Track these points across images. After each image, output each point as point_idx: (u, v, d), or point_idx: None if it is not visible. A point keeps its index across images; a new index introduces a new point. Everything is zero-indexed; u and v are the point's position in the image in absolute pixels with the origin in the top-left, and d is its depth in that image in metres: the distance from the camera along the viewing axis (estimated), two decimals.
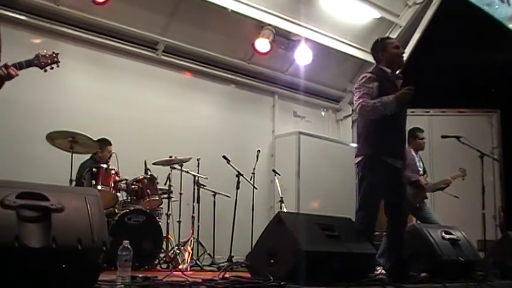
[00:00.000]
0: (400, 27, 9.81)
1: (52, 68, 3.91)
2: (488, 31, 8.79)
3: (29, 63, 3.76)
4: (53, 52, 3.93)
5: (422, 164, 7.10)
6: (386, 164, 4.75)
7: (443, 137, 7.27)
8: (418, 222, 7.36)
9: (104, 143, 6.79)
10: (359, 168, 4.95)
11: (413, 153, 6.96)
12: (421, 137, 7.10)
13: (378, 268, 6.04)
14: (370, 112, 4.69)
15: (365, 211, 4.76)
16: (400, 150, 4.94)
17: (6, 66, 3.68)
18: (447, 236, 5.17)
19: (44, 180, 3.49)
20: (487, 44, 9.14)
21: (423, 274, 4.76)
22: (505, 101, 9.99)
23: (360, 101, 4.73)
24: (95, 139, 6.29)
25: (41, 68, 3.86)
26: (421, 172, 7.01)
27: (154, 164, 6.85)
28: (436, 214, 7.59)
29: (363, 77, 4.89)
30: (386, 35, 9.92)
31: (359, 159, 4.87)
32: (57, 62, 3.92)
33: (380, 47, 5.09)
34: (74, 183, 5.98)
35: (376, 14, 9.44)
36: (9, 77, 3.68)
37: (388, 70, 4.92)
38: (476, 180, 7.06)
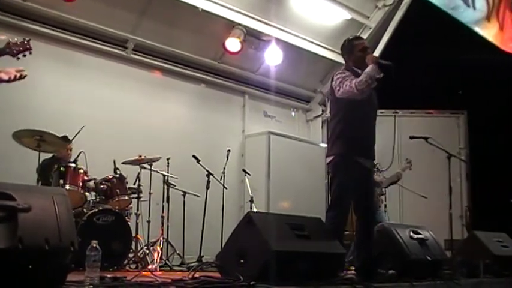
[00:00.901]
0: (370, 28, 9.90)
1: (25, 56, 3.84)
2: (455, 33, 8.93)
3: (0, 52, 3.69)
4: (24, 39, 3.85)
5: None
6: (357, 164, 4.78)
7: (412, 137, 7.36)
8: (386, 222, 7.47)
9: (64, 140, 6.66)
10: (330, 168, 4.98)
11: None
12: None
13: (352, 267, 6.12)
14: (368, 81, 4.60)
15: (335, 211, 4.79)
16: (370, 150, 4.97)
17: None
18: (415, 236, 5.23)
19: (11, 179, 3.43)
20: (454, 46, 9.29)
21: (391, 271, 4.81)
22: (472, 102, 10.17)
23: (354, 81, 4.66)
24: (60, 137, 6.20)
25: (13, 56, 3.79)
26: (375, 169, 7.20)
27: (123, 163, 6.80)
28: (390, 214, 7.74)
29: (341, 73, 4.87)
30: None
31: (330, 158, 4.89)
32: (29, 48, 3.85)
33: (347, 49, 5.14)
34: (40, 182, 5.88)
35: (347, 15, 9.51)
36: None
37: (359, 71, 4.94)
38: (444, 181, 7.16)
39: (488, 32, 7.93)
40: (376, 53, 9.70)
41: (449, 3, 8.46)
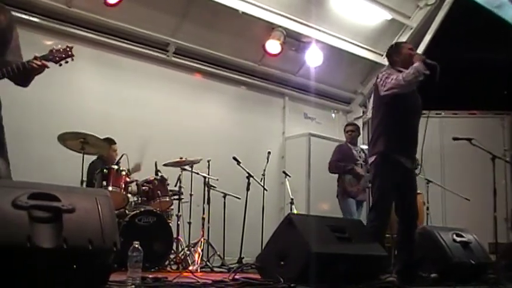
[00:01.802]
0: (411, 28, 9.77)
1: (67, 62, 3.91)
2: (499, 32, 8.74)
3: (44, 59, 3.77)
4: (67, 46, 3.92)
5: (365, 155, 7.45)
6: (399, 163, 4.75)
7: (455, 139, 7.22)
8: (429, 224, 7.37)
9: (109, 142, 6.78)
10: (372, 168, 4.98)
11: (349, 145, 7.64)
12: (346, 130, 7.86)
13: None
14: (415, 74, 4.68)
15: (376, 212, 4.76)
16: (411, 151, 4.94)
17: (36, 58, 3.71)
18: (458, 239, 5.14)
19: (55, 181, 3.51)
20: (498, 46, 9.09)
21: (433, 275, 4.74)
22: None
23: (400, 75, 4.72)
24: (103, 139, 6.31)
25: (56, 63, 3.86)
26: (360, 162, 7.47)
27: (164, 165, 6.87)
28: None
29: (387, 70, 4.95)
30: (398, 36, 9.93)
31: (372, 158, 4.91)
32: (72, 55, 3.92)
33: (395, 50, 5.20)
34: (84, 183, 6.00)
35: (387, 15, 9.41)
36: (43, 68, 3.71)
37: (405, 71, 4.90)
38: (488, 183, 7.00)
39: None
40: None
41: (493, 1, 8.31)
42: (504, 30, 8.60)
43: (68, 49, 3.91)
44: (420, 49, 9.59)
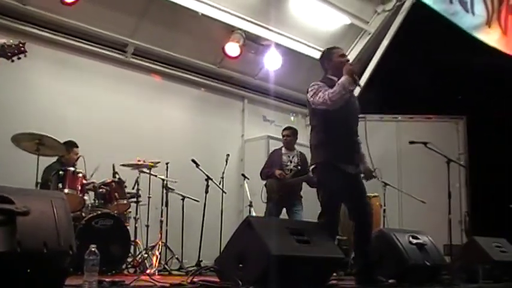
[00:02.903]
0: (370, 33, 9.93)
1: (19, 58, 3.82)
2: (455, 38, 8.93)
3: None
4: (19, 42, 3.84)
5: (299, 162, 7.51)
6: (340, 170, 4.83)
7: (411, 142, 7.35)
8: (385, 226, 7.47)
9: (70, 145, 6.69)
10: (314, 176, 5.06)
11: (282, 150, 7.66)
12: (282, 134, 7.77)
13: None
14: (341, 92, 4.72)
15: (325, 217, 4.81)
16: (351, 156, 4.99)
17: None
18: (414, 241, 5.23)
19: (9, 183, 3.42)
20: (454, 51, 9.29)
21: (391, 281, 4.81)
22: (472, 108, 10.17)
23: (327, 92, 4.79)
24: (61, 141, 6.19)
25: (8, 59, 3.78)
26: (290, 168, 7.49)
27: (122, 165, 6.78)
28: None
29: (315, 84, 5.02)
30: (356, 41, 10.08)
31: (313, 167, 5.00)
32: (24, 51, 3.83)
33: (326, 57, 5.28)
34: (39, 186, 5.87)
35: (346, 20, 9.53)
36: None
37: (335, 78, 4.98)
38: (443, 186, 7.15)
39: (490, 37, 7.94)
40: (376, 57, 9.76)
41: (448, 8, 8.48)
42: (459, 36, 8.79)
43: (21, 45, 3.83)
44: (378, 54, 9.76)
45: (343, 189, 4.80)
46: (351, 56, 10.22)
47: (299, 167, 7.39)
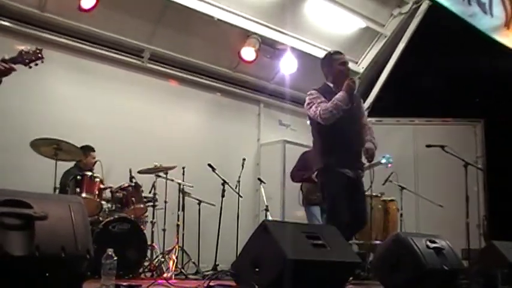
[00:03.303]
0: (386, 36, 9.89)
1: (36, 65, 3.86)
2: (473, 41, 8.87)
3: (13, 61, 3.72)
4: (37, 48, 3.88)
5: None
6: (343, 174, 4.91)
7: (428, 146, 7.32)
8: (402, 231, 7.42)
9: (87, 149, 6.75)
10: (318, 182, 5.17)
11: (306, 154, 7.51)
12: None
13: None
14: (332, 112, 4.81)
15: (331, 219, 4.84)
16: (353, 160, 5.06)
17: (4, 60, 3.65)
18: (432, 245, 5.17)
19: (28, 187, 3.46)
20: (471, 54, 9.23)
21: None
22: (489, 111, 10.08)
23: (320, 107, 4.88)
24: (78, 146, 6.25)
25: (25, 65, 3.81)
26: None
27: (139, 172, 6.82)
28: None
29: (310, 94, 5.11)
30: (372, 44, 10.05)
31: (316, 173, 5.12)
32: (41, 58, 3.87)
33: (326, 62, 5.30)
34: (57, 190, 5.93)
35: (362, 23, 9.51)
36: (9, 71, 3.66)
37: (332, 85, 5.09)
38: (461, 189, 7.10)
39: (509, 40, 7.88)
40: (392, 61, 9.72)
41: (466, 10, 8.44)
42: (476, 39, 8.72)
43: (38, 51, 3.87)
44: (394, 57, 9.72)
45: (346, 193, 4.88)
46: (367, 59, 10.22)
47: None
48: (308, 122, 5.36)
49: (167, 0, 7.71)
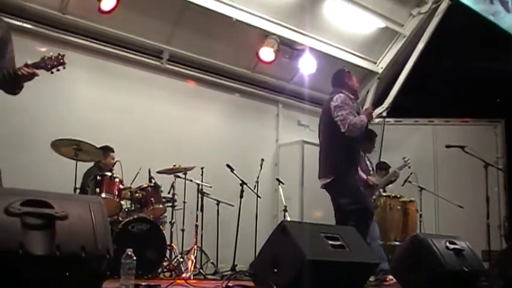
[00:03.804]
0: (405, 36, 9.84)
1: (58, 70, 3.90)
2: (493, 40, 8.79)
3: (35, 66, 3.76)
4: (59, 54, 3.91)
5: (370, 163, 7.29)
6: (356, 181, 5.26)
7: (448, 146, 7.26)
8: (422, 231, 7.37)
9: (107, 150, 6.80)
10: (330, 190, 5.38)
11: (361, 154, 7.16)
12: (375, 142, 7.38)
13: (389, 276, 6.09)
14: (358, 130, 5.18)
15: (364, 216, 4.96)
16: (357, 168, 5.47)
17: (27, 65, 3.70)
18: (451, 246, 5.13)
19: (49, 187, 3.50)
20: (492, 53, 9.14)
21: None
22: (510, 111, 9.97)
23: (351, 117, 5.17)
24: (98, 147, 6.30)
25: (47, 70, 3.85)
26: (371, 171, 7.23)
27: (158, 172, 6.86)
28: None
29: (341, 96, 5.31)
30: (391, 44, 10.00)
31: (328, 180, 5.29)
32: (63, 63, 3.91)
33: (347, 75, 5.62)
34: (78, 191, 5.99)
35: (381, 23, 9.47)
36: (32, 76, 3.71)
37: (352, 96, 5.47)
38: (481, 190, 7.04)
39: None
40: (412, 61, 9.66)
41: (489, 9, 8.38)
42: (497, 38, 8.64)
43: (60, 57, 3.91)
44: (413, 57, 9.66)
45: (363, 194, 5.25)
46: (386, 59, 10.17)
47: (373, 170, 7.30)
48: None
49: (186, 1, 7.75)
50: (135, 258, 3.49)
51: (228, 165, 7.56)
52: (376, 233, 6.73)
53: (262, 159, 8.15)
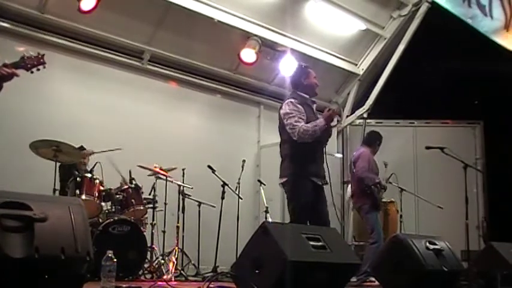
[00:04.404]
0: (385, 38, 9.91)
1: (38, 70, 3.86)
2: (472, 43, 8.88)
3: (15, 66, 3.72)
4: (39, 53, 3.87)
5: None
6: (311, 181, 5.05)
7: (428, 148, 7.32)
8: (402, 232, 7.42)
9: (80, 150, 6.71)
10: (285, 189, 5.22)
11: (371, 155, 7.21)
12: (380, 142, 7.32)
13: (371, 278, 6.12)
14: (310, 136, 5.00)
15: None
16: (321, 169, 5.22)
17: (6, 65, 3.65)
18: (431, 246, 5.18)
19: (27, 189, 3.46)
20: (471, 56, 9.24)
21: None
22: (489, 113, 10.10)
23: (299, 125, 5.01)
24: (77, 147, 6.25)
25: (27, 70, 3.81)
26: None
27: (139, 166, 6.81)
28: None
29: (290, 102, 5.19)
30: (372, 46, 10.06)
31: (284, 179, 5.16)
32: (44, 63, 3.87)
33: (303, 73, 5.42)
34: (57, 192, 5.92)
35: (362, 25, 9.52)
36: (11, 76, 3.66)
37: (307, 96, 5.32)
38: (460, 191, 7.10)
39: (508, 42, 7.90)
40: (392, 63, 9.73)
41: (467, 12, 8.46)
42: (475, 41, 8.74)
43: (40, 56, 3.87)
44: (393, 59, 9.73)
45: (312, 201, 5.04)
46: (366, 61, 10.24)
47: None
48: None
49: (167, 1, 7.72)
50: (115, 260, 3.47)
51: (209, 166, 7.54)
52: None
53: (244, 160, 8.15)
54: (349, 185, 7.82)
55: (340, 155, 10.38)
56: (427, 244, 5.17)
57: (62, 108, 7.44)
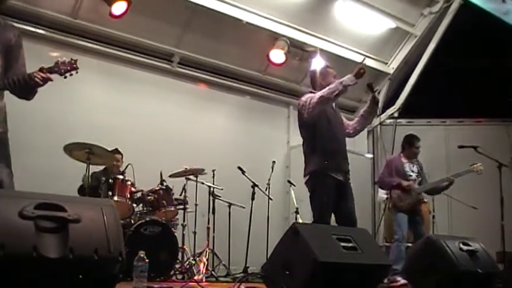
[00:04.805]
0: (416, 36, 9.81)
1: (71, 75, 3.94)
2: (505, 39, 8.73)
3: (49, 71, 3.80)
4: (72, 59, 3.96)
5: (419, 170, 7.10)
6: (331, 177, 5.03)
7: (460, 147, 7.22)
8: (435, 233, 7.33)
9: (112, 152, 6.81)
10: (308, 187, 5.22)
11: (402, 159, 7.10)
12: (416, 146, 7.11)
13: (398, 278, 6.05)
14: (330, 92, 4.95)
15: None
16: (341, 165, 5.19)
17: (42, 70, 3.74)
18: (465, 247, 5.09)
19: (62, 191, 3.52)
20: (504, 53, 9.08)
21: None
22: None
23: (322, 91, 5.01)
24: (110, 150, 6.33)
25: (61, 75, 3.89)
26: (413, 178, 7.01)
27: (170, 176, 6.87)
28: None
29: (307, 95, 5.20)
30: (402, 44, 9.97)
31: (306, 178, 5.18)
32: (76, 68, 3.95)
33: (322, 73, 5.45)
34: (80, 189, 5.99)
35: (391, 24, 9.44)
36: (46, 80, 3.75)
37: None
38: (494, 191, 6.99)
39: None
40: (423, 61, 9.62)
41: (500, 8, 8.32)
42: (508, 37, 8.58)
43: (73, 62, 3.95)
44: (424, 57, 9.63)
45: (335, 196, 5.02)
46: (397, 60, 10.15)
47: (419, 177, 7.10)
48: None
49: (195, 4, 7.77)
50: (147, 260, 3.50)
51: (239, 168, 7.55)
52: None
53: (274, 161, 8.14)
54: None
55: (370, 155, 10.31)
56: (461, 245, 5.08)
57: (94, 111, 7.55)
